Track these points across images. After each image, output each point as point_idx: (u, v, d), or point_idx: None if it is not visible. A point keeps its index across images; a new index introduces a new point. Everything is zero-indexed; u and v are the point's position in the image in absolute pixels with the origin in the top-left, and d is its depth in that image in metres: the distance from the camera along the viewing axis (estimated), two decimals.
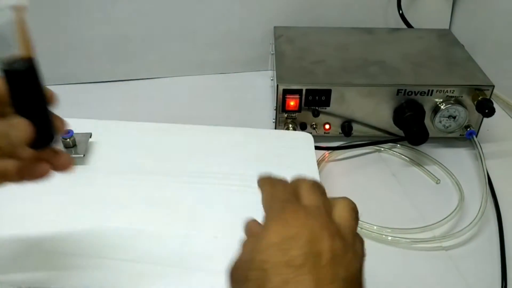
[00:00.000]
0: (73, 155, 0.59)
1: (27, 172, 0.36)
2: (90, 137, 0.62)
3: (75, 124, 0.64)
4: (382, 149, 0.75)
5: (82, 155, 0.59)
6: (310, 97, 0.72)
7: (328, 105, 0.73)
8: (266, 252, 0.30)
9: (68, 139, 0.59)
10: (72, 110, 0.82)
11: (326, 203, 0.35)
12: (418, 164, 0.73)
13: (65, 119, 0.71)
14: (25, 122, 0.33)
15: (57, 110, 0.82)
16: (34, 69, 0.34)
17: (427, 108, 0.73)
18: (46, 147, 0.36)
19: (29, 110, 0.34)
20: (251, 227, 0.36)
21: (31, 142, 0.33)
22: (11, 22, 0.31)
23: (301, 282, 0.28)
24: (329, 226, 0.32)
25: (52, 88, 0.98)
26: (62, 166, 0.37)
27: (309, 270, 0.29)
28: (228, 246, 0.52)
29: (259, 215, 0.53)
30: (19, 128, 0.33)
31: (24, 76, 0.33)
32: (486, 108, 0.70)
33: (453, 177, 0.69)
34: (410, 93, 0.72)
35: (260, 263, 0.30)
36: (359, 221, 0.62)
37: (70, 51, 0.88)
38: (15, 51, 0.32)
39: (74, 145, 0.60)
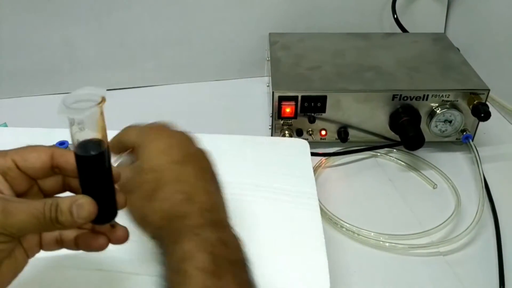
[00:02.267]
0: None
1: (85, 243, 0.38)
2: None
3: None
4: (379, 154, 0.75)
5: None
6: (306, 104, 0.72)
7: (324, 111, 0.73)
8: (154, 159, 0.39)
9: None
10: (67, 120, 0.83)
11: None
12: (415, 169, 0.73)
13: (61, 129, 0.71)
14: (91, 202, 0.34)
15: (53, 120, 0.81)
16: (105, 153, 0.34)
17: (423, 113, 0.73)
18: (107, 223, 0.37)
19: (96, 190, 0.35)
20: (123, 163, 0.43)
21: (93, 219, 0.35)
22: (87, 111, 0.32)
23: (187, 174, 0.39)
24: (187, 136, 0.43)
25: (48, 97, 0.99)
26: (118, 239, 0.38)
27: (191, 164, 0.40)
28: None
29: (257, 223, 0.53)
30: (85, 208, 0.34)
31: (96, 160, 0.34)
32: (481, 112, 0.70)
33: (450, 181, 0.69)
34: (405, 98, 0.72)
35: (151, 167, 0.39)
36: (357, 228, 0.62)
37: (65, 60, 0.88)
38: (86, 135, 0.33)
39: None
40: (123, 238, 0.38)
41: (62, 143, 0.60)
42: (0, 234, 0.32)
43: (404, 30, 0.94)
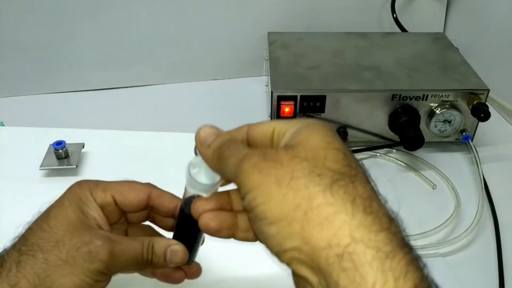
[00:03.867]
0: (66, 166, 0.58)
1: (163, 275, 0.39)
2: (83, 147, 0.61)
3: (68, 134, 0.63)
4: (378, 154, 0.75)
5: (75, 166, 0.58)
6: (305, 104, 0.72)
7: (323, 111, 0.72)
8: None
9: (60, 150, 0.58)
10: (64, 119, 0.82)
11: None
12: (414, 169, 0.72)
13: (58, 128, 0.71)
14: (183, 250, 0.36)
15: (49, 120, 0.81)
16: None
17: (422, 113, 0.72)
18: (189, 263, 0.39)
19: (189, 238, 0.37)
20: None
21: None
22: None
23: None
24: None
25: (44, 96, 0.98)
26: (193, 275, 0.40)
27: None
28: (222, 255, 0.51)
29: None
30: (178, 255, 0.36)
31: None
32: (481, 112, 0.69)
33: (449, 182, 0.69)
34: (405, 98, 0.71)
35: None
36: None
37: (62, 59, 0.88)
38: (193, 191, 0.35)
39: (67, 156, 0.59)
40: (197, 274, 0.40)
41: (59, 143, 0.59)
42: (104, 274, 0.34)
43: (403, 29, 0.93)
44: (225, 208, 0.33)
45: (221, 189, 0.36)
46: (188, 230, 0.37)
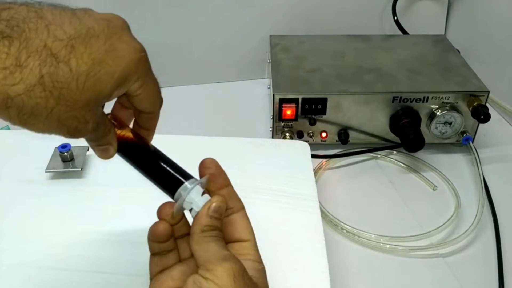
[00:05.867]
0: (71, 169, 0.59)
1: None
2: (88, 150, 0.62)
3: None
4: (379, 156, 0.75)
5: (80, 169, 0.59)
6: (306, 106, 0.72)
7: (325, 114, 0.73)
8: None
9: (65, 153, 0.59)
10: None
11: None
12: (415, 170, 0.73)
13: None
14: (112, 154, 0.39)
15: None
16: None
17: (423, 115, 0.73)
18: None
19: (125, 153, 0.41)
20: None
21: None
22: None
23: None
24: None
25: None
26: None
27: None
28: None
29: (257, 225, 0.53)
30: (107, 155, 0.39)
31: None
32: (481, 114, 0.70)
33: (450, 183, 0.69)
34: (405, 100, 0.72)
35: None
36: (358, 230, 0.62)
37: None
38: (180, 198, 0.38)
39: (72, 158, 0.60)
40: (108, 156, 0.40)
41: (64, 146, 0.60)
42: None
43: (404, 32, 0.94)
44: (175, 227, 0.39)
45: None
46: (136, 155, 0.41)
